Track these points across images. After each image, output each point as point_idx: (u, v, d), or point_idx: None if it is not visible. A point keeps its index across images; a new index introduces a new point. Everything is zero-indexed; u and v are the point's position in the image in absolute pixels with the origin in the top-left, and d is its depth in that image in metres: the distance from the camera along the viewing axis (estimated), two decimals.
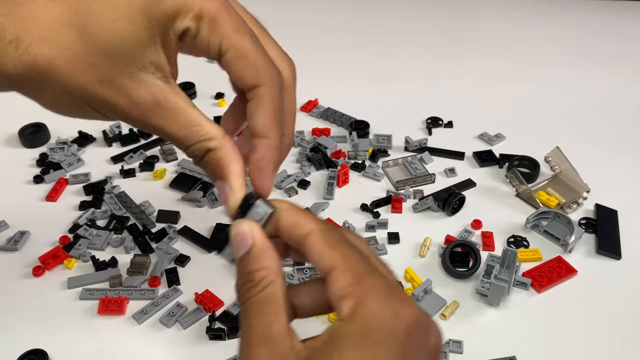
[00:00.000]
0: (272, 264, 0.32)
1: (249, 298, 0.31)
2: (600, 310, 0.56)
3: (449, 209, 0.66)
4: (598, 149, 0.79)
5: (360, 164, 0.74)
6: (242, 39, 0.35)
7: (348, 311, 0.29)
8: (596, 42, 1.08)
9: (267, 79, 0.36)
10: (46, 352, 0.51)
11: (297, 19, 1.17)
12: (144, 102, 0.33)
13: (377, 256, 0.33)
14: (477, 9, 1.21)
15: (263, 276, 0.31)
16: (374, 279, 0.30)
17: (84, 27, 0.32)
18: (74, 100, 0.34)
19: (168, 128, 0.34)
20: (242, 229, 0.33)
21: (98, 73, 0.32)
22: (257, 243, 0.32)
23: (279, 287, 0.31)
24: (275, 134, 0.37)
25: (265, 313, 0.30)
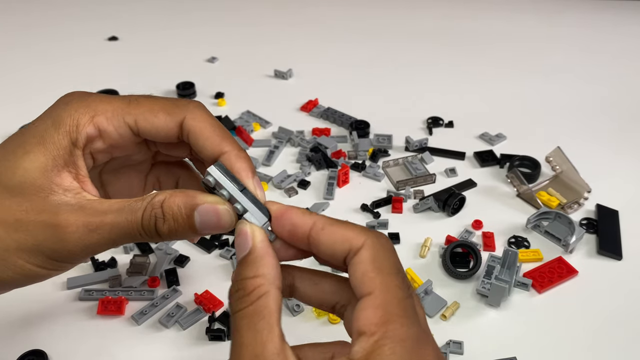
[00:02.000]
0: (268, 272, 0.30)
1: (239, 309, 0.30)
2: (601, 310, 0.56)
3: (449, 210, 0.66)
4: (599, 149, 0.79)
5: (361, 164, 0.73)
6: (136, 104, 0.36)
7: (362, 353, 0.27)
8: (597, 41, 1.08)
9: (185, 110, 0.36)
10: (45, 353, 0.51)
11: (297, 19, 1.17)
12: (71, 216, 0.33)
13: (417, 295, 0.31)
14: (478, 9, 1.21)
15: (256, 285, 0.30)
16: (402, 327, 0.28)
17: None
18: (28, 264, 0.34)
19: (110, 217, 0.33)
20: (243, 230, 0.32)
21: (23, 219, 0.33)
22: (257, 247, 0.31)
23: (273, 300, 0.30)
24: (228, 144, 0.36)
25: (258, 330, 0.29)
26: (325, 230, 0.31)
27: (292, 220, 0.32)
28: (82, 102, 0.35)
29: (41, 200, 0.33)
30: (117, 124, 0.35)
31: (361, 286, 0.29)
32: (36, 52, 1.03)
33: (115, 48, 1.05)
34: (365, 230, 0.31)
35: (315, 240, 0.31)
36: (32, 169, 0.33)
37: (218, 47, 1.05)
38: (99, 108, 0.35)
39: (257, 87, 0.93)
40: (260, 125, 0.82)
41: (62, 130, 0.34)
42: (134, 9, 1.20)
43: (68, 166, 0.34)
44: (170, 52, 1.03)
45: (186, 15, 1.18)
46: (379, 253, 0.30)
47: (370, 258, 0.30)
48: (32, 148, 0.34)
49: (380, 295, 0.29)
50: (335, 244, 0.31)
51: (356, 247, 0.30)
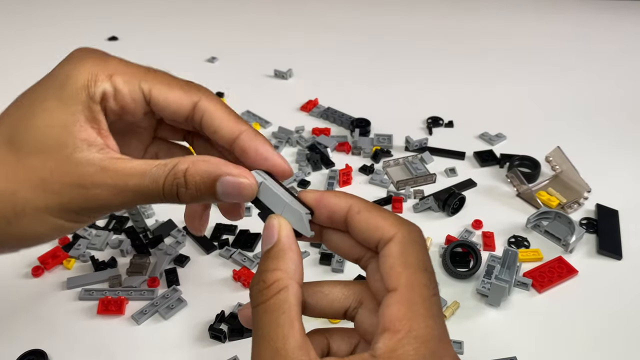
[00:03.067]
0: (288, 267, 0.30)
1: (260, 303, 0.30)
2: (601, 310, 0.56)
3: (449, 210, 0.66)
4: (599, 148, 0.79)
5: (369, 167, 0.73)
6: (155, 75, 0.36)
7: (384, 350, 0.27)
8: (597, 41, 1.08)
9: (200, 92, 0.37)
10: (45, 353, 0.51)
11: (298, 19, 1.17)
12: (96, 178, 0.33)
13: (439, 294, 0.31)
14: (477, 9, 1.21)
15: (276, 278, 0.30)
16: (426, 327, 0.28)
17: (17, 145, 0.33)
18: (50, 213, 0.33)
19: (134, 181, 0.33)
20: (270, 223, 0.32)
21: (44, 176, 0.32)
22: (281, 241, 0.31)
23: (293, 295, 0.30)
24: (244, 124, 0.36)
25: (279, 324, 0.28)
26: (361, 214, 0.31)
27: (329, 204, 0.32)
28: (100, 59, 0.35)
29: (65, 160, 0.33)
30: (132, 88, 0.35)
31: (388, 280, 0.29)
32: (36, 52, 1.03)
33: (115, 48, 1.05)
34: (399, 221, 0.31)
35: (351, 223, 0.32)
36: (53, 126, 0.33)
37: (218, 47, 1.05)
38: (118, 69, 0.35)
39: (257, 87, 0.93)
40: (260, 125, 0.82)
41: (79, 85, 0.34)
42: (134, 9, 1.20)
43: (90, 121, 0.34)
44: (170, 52, 1.03)
45: (186, 15, 1.18)
46: (408, 248, 0.30)
47: (399, 252, 0.30)
48: (49, 105, 0.33)
49: (405, 293, 0.28)
50: (368, 231, 0.31)
51: (387, 238, 0.30)
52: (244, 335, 0.53)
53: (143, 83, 0.35)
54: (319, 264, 0.60)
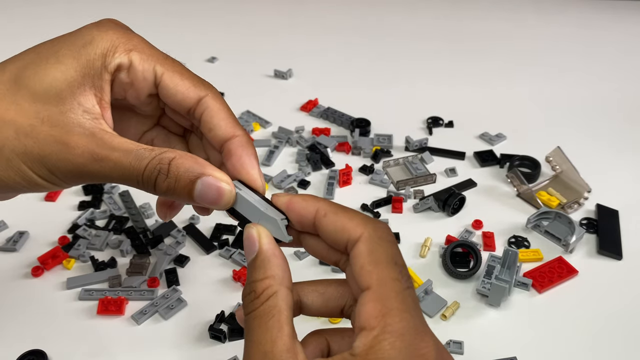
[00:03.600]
0: (276, 273, 0.31)
1: (251, 311, 0.30)
2: (601, 310, 0.56)
3: (449, 210, 0.66)
4: (599, 148, 0.79)
5: (369, 167, 0.73)
6: (171, 62, 0.37)
7: (362, 348, 0.28)
8: (597, 41, 1.08)
9: (208, 89, 0.38)
10: (45, 353, 0.50)
11: (298, 19, 1.17)
12: (80, 140, 0.33)
13: (413, 286, 0.31)
14: (478, 9, 1.21)
15: (265, 287, 0.30)
16: (401, 320, 0.28)
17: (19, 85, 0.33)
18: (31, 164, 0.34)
19: (116, 154, 0.33)
20: (250, 234, 0.32)
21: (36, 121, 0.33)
22: (262, 250, 0.31)
23: (283, 299, 0.30)
24: (241, 129, 0.37)
25: (267, 328, 0.29)
26: (327, 217, 0.32)
27: (296, 208, 0.33)
28: (125, 33, 0.36)
29: (58, 114, 0.33)
30: (146, 67, 0.36)
31: (360, 280, 0.30)
32: None
33: None
34: (365, 220, 0.31)
35: (319, 227, 0.32)
36: (60, 80, 0.33)
37: (218, 47, 1.04)
38: (139, 46, 0.36)
39: (257, 87, 0.93)
40: (260, 125, 0.82)
41: (99, 51, 0.34)
42: (133, 9, 1.20)
43: (95, 88, 0.34)
44: (170, 52, 1.03)
45: (186, 15, 1.18)
46: (376, 245, 0.30)
47: (367, 251, 0.30)
48: (65, 60, 0.34)
49: (377, 290, 0.29)
50: (336, 233, 0.31)
51: (354, 239, 0.30)
52: (243, 335, 0.52)
53: (158, 66, 0.36)
54: (319, 264, 0.60)
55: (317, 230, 0.32)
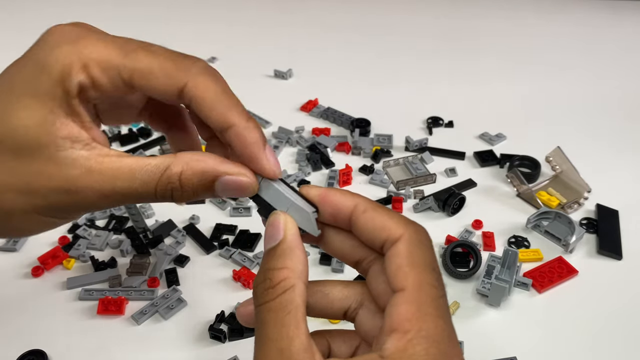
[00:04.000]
0: (295, 266, 0.29)
1: (265, 302, 0.29)
2: (601, 310, 0.56)
3: (449, 210, 0.66)
4: (599, 148, 0.79)
5: (369, 167, 0.73)
6: (136, 57, 0.32)
7: (393, 350, 0.27)
8: (597, 41, 1.08)
9: (188, 73, 0.32)
10: (45, 353, 0.50)
11: (297, 18, 1.17)
12: (81, 181, 0.31)
13: (446, 295, 0.30)
14: (477, 9, 1.21)
15: (283, 277, 0.29)
16: (436, 327, 0.27)
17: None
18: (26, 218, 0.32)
19: (121, 184, 0.31)
20: (276, 221, 0.31)
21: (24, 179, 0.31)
22: (287, 239, 0.30)
23: (299, 295, 0.29)
24: (237, 115, 0.33)
25: (284, 325, 0.28)
26: (367, 214, 0.31)
27: (334, 202, 0.32)
28: (72, 45, 0.31)
29: (49, 161, 0.31)
30: (111, 76, 0.31)
31: (395, 280, 0.29)
32: None
33: None
34: (406, 221, 0.30)
35: (356, 223, 0.31)
36: (31, 126, 0.30)
37: (218, 47, 1.04)
38: (93, 55, 0.31)
39: (257, 87, 0.93)
40: (260, 125, 0.82)
41: (54, 79, 0.30)
42: (133, 9, 1.20)
43: (71, 115, 0.31)
44: None
45: (186, 15, 1.18)
46: (416, 248, 0.29)
47: (407, 252, 0.29)
48: (27, 102, 0.31)
49: (413, 292, 0.28)
50: (375, 231, 0.30)
51: (393, 238, 0.29)
52: (244, 335, 0.53)
53: (122, 70, 0.31)
54: (319, 264, 0.60)
55: (352, 225, 0.31)
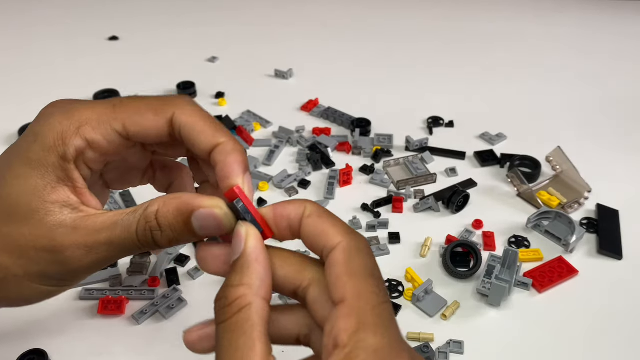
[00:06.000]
0: (253, 282, 0.28)
1: (221, 322, 0.28)
2: (601, 310, 0.56)
3: (453, 207, 0.66)
4: (599, 148, 0.79)
5: (370, 167, 0.73)
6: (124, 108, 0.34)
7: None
8: (597, 41, 1.08)
9: (172, 106, 0.34)
10: (46, 352, 0.51)
11: (298, 18, 1.17)
12: (66, 239, 0.32)
13: (390, 301, 0.29)
14: (478, 9, 1.21)
15: (239, 295, 0.28)
16: (375, 337, 0.27)
17: None
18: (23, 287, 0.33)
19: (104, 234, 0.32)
20: (238, 232, 0.30)
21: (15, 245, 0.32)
22: (246, 252, 0.30)
23: (256, 312, 0.28)
24: (223, 136, 0.34)
25: (238, 347, 0.27)
26: (310, 219, 0.30)
27: (284, 213, 0.31)
28: (64, 114, 0.34)
29: (38, 224, 0.32)
30: (104, 132, 0.33)
31: (334, 291, 0.28)
32: (36, 51, 1.03)
33: (115, 48, 1.05)
34: (346, 230, 0.30)
35: (302, 227, 0.31)
36: (24, 193, 0.32)
37: (219, 46, 1.05)
38: (83, 118, 0.33)
39: (258, 87, 0.93)
40: (260, 125, 0.82)
41: (46, 147, 0.33)
42: (135, 9, 1.20)
43: (63, 181, 0.33)
44: (171, 52, 1.03)
45: (187, 15, 1.18)
46: (354, 255, 0.29)
47: (344, 260, 0.29)
48: (20, 171, 0.33)
49: (353, 303, 0.27)
50: (315, 236, 0.30)
51: (331, 245, 0.29)
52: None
53: (113, 122, 0.34)
54: None
55: (300, 230, 0.31)
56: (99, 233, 0.32)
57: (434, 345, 0.52)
